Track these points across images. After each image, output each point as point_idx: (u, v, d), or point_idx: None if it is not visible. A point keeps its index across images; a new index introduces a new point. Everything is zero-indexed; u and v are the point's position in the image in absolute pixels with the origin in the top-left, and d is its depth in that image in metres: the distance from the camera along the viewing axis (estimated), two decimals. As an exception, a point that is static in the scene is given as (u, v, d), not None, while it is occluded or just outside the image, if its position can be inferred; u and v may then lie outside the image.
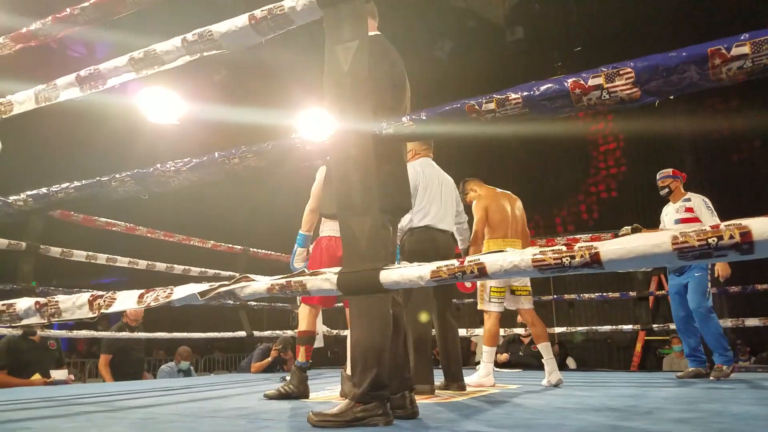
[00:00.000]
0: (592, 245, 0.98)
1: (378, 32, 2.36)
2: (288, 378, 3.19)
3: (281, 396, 3.04)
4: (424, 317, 3.45)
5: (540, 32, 9.34)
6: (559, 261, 1.00)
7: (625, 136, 9.96)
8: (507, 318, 4.37)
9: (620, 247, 0.96)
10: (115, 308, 1.41)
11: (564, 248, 1.00)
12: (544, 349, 3.99)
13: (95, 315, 1.43)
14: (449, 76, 10.49)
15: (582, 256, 0.97)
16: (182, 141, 9.56)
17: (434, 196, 3.61)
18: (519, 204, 4.27)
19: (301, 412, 2.44)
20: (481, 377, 3.88)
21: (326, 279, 1.21)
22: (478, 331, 6.62)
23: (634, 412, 2.34)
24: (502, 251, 1.05)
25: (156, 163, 1.53)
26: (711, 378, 4.09)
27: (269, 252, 6.11)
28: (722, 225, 0.92)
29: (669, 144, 9.56)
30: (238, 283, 1.28)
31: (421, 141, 3.73)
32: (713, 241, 0.92)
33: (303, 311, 3.30)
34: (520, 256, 1.03)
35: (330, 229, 3.22)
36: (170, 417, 2.34)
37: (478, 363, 8.76)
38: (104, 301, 1.42)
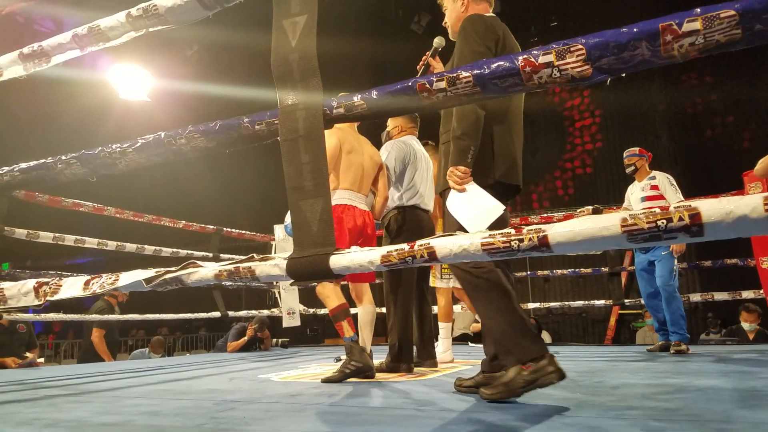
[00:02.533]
0: (540, 228, 0.95)
1: (492, 14, 2.31)
2: (342, 358, 2.99)
3: (345, 377, 2.81)
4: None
5: (516, 7, 9.27)
6: (508, 244, 0.98)
7: (601, 112, 10.00)
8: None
9: (568, 230, 0.93)
10: (60, 295, 1.36)
11: (512, 231, 0.97)
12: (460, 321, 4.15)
13: (41, 302, 1.38)
14: (426, 51, 10.37)
15: (530, 239, 0.95)
16: (154, 118, 9.40)
17: (422, 176, 3.59)
18: None
19: (269, 393, 2.43)
20: (439, 354, 3.91)
21: (275, 264, 1.17)
22: (455, 307, 6.69)
23: (601, 386, 2.37)
24: (453, 234, 1.03)
25: (127, 140, 1.47)
26: (671, 352, 4.23)
27: (243, 231, 6.06)
28: (672, 207, 0.90)
29: (644, 120, 9.63)
30: (184, 270, 1.24)
31: (407, 118, 3.69)
32: (663, 223, 0.90)
33: (326, 288, 3.03)
34: (470, 239, 1.01)
35: (341, 197, 3.10)
36: (135, 400, 2.32)
37: (455, 338, 8.83)
38: (50, 287, 1.37)
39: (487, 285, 2.03)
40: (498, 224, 2.02)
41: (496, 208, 1.88)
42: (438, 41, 2.52)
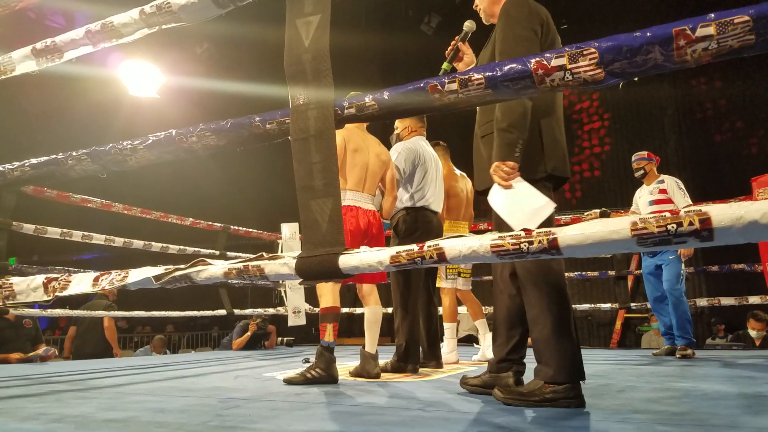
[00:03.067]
0: (550, 230, 0.95)
1: None
2: (312, 360, 2.85)
3: (306, 382, 2.70)
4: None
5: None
6: (518, 247, 0.98)
7: (609, 115, 9.97)
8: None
9: (579, 233, 0.93)
10: (70, 291, 1.37)
11: (522, 233, 0.97)
12: (481, 326, 4.19)
13: (50, 297, 1.39)
14: (435, 52, 10.39)
15: (540, 241, 0.95)
16: (163, 115, 9.44)
17: (430, 177, 3.59)
18: (470, 185, 4.35)
19: (274, 392, 2.43)
20: (445, 354, 3.92)
21: (284, 263, 1.18)
22: (460, 308, 6.68)
23: (607, 390, 2.36)
24: (462, 236, 1.03)
25: (138, 137, 1.48)
26: (677, 356, 4.24)
27: (250, 230, 6.07)
28: (682, 211, 0.90)
29: (653, 123, 9.60)
30: (194, 267, 1.25)
31: (416, 118, 3.69)
32: (673, 227, 0.90)
33: (324, 286, 2.95)
34: (480, 241, 1.01)
35: (349, 198, 3.07)
36: (141, 397, 2.33)
37: (460, 339, 8.82)
38: (59, 283, 1.38)
39: (548, 288, 1.98)
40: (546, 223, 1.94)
41: (546, 205, 1.72)
42: (468, 25, 2.37)
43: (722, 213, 0.88)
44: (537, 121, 2.04)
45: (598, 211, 5.13)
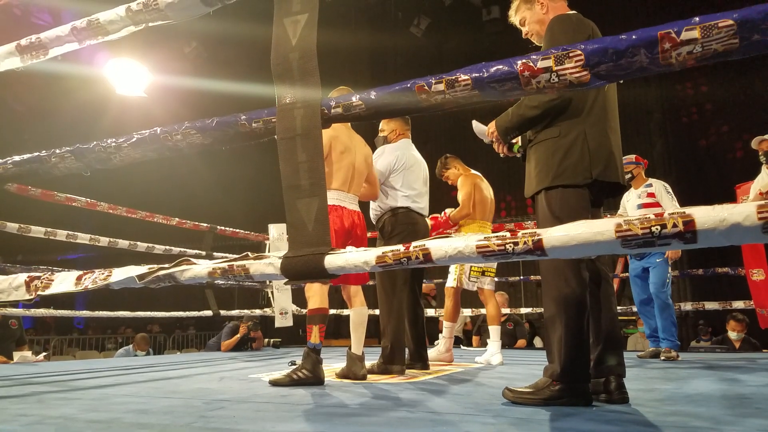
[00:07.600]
0: (535, 232, 0.96)
1: (573, 11, 2.26)
2: (298, 362, 2.84)
3: (293, 383, 2.68)
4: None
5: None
6: (503, 247, 0.98)
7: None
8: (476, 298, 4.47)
9: (563, 234, 0.94)
10: (52, 290, 1.36)
11: (508, 234, 0.98)
12: (494, 332, 4.22)
13: (32, 296, 1.37)
14: (424, 54, 10.46)
15: (525, 242, 0.95)
16: (150, 114, 9.38)
17: (416, 178, 3.60)
18: (490, 187, 4.45)
19: (259, 393, 2.42)
20: (441, 352, 4.08)
21: (270, 263, 1.17)
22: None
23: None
24: (448, 236, 1.03)
25: (122, 135, 1.47)
26: (662, 358, 4.28)
27: (237, 230, 6.03)
28: (666, 213, 0.90)
29: (639, 127, 9.67)
30: (178, 267, 1.24)
31: (402, 121, 3.70)
32: (656, 229, 0.90)
33: (312, 287, 2.92)
34: (465, 242, 1.01)
35: (334, 198, 3.06)
36: (124, 398, 2.31)
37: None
38: (41, 282, 1.37)
39: (564, 292, 2.01)
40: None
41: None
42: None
43: (706, 215, 0.88)
44: (582, 129, 2.08)
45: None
